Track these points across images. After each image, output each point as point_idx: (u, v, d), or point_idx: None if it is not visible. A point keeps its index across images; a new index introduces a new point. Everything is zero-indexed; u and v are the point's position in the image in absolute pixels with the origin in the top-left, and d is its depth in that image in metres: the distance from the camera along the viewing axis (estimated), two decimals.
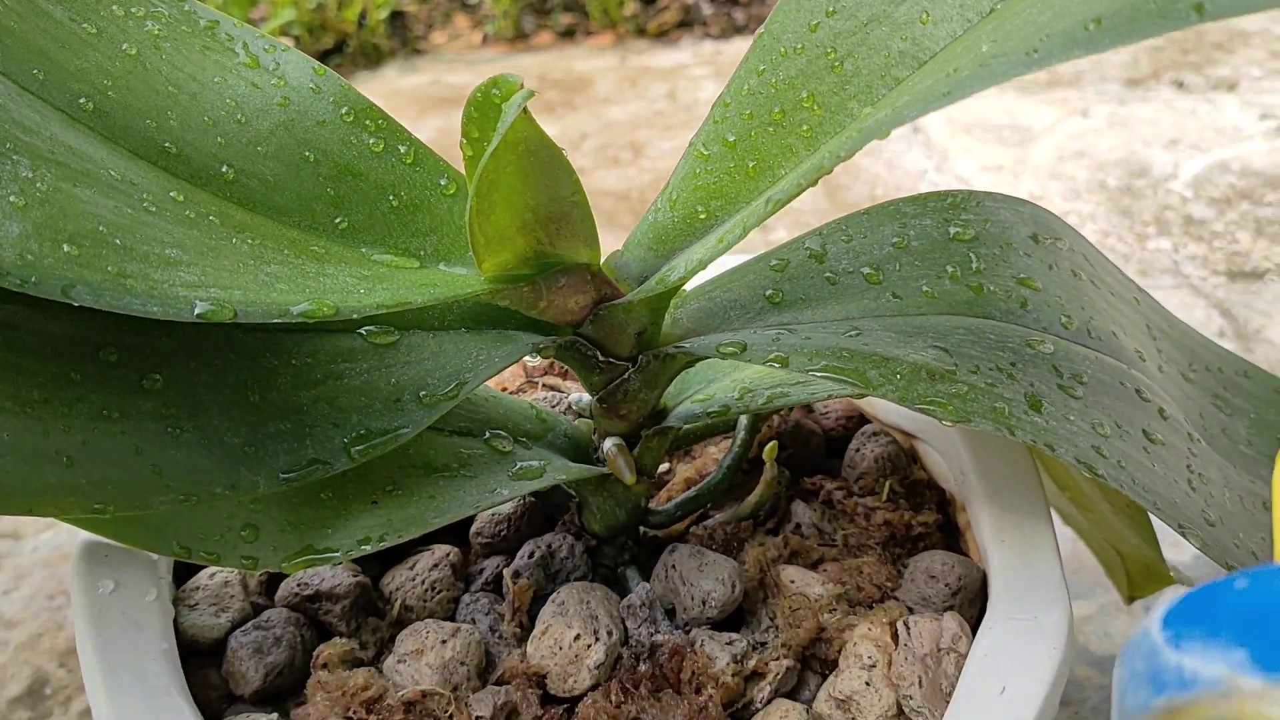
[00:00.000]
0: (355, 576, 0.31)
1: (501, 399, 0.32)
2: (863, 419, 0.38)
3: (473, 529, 0.33)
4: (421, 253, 0.28)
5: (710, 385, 0.33)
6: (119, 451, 0.24)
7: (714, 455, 0.37)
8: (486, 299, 0.27)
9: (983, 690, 0.27)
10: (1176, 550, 0.47)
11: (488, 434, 0.30)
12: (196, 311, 0.22)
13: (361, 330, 0.28)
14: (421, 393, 0.27)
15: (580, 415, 0.33)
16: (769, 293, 0.30)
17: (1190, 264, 0.74)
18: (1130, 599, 0.44)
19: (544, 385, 0.38)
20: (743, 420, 0.35)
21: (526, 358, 0.34)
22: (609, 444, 0.31)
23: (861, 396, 0.31)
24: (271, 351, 0.27)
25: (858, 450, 0.36)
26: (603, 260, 0.29)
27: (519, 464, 0.30)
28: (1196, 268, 0.73)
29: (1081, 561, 0.50)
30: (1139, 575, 0.42)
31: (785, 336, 0.28)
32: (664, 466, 0.37)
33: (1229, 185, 0.83)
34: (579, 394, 0.33)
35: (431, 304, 0.26)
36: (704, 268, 0.26)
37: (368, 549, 0.28)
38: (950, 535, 0.35)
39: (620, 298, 0.28)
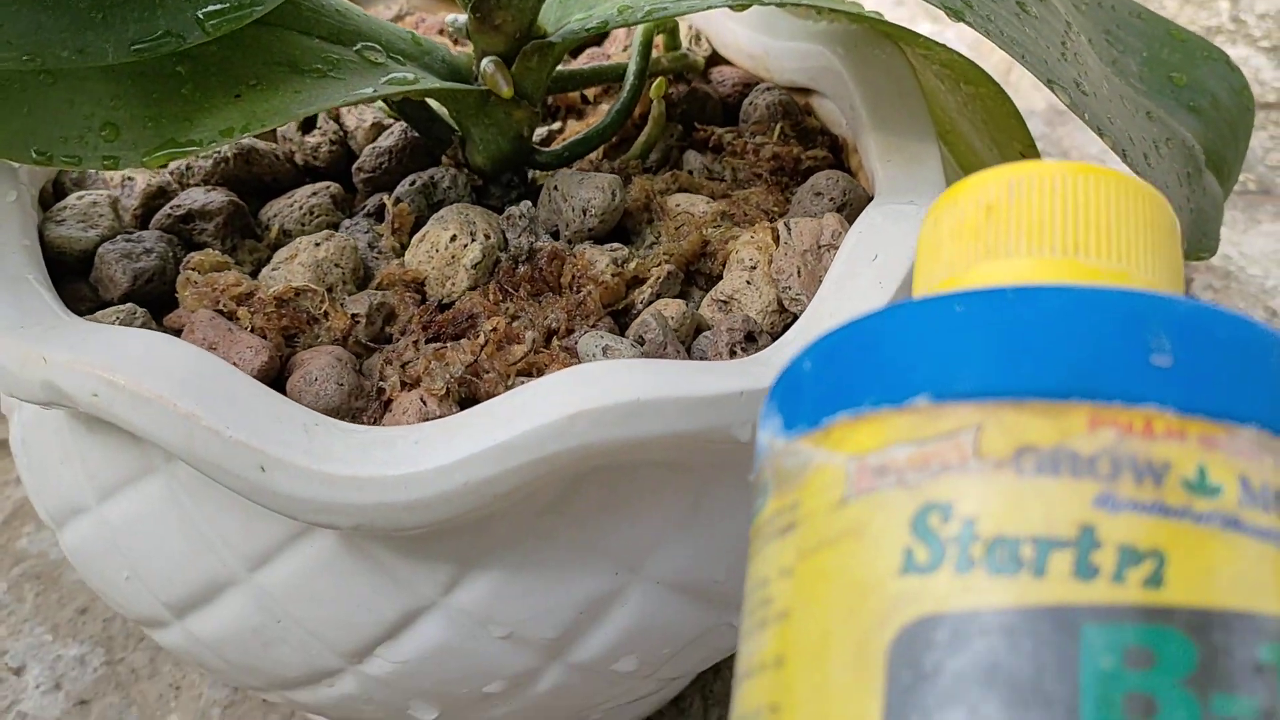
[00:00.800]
0: (229, 197, 0.30)
1: (375, 19, 0.31)
2: (759, 83, 0.38)
3: (355, 165, 0.33)
4: None
5: (590, 10, 0.32)
6: None
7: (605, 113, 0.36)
8: None
9: (856, 258, 0.27)
10: None
11: (359, 45, 0.30)
12: None
13: None
14: None
15: (458, 42, 0.33)
16: None
17: None
18: None
19: None
20: (632, 67, 0.34)
21: None
22: (485, 61, 0.30)
23: (743, 8, 0.30)
24: None
25: (751, 103, 0.36)
26: None
27: (391, 74, 0.29)
28: None
29: None
30: None
31: None
32: (555, 125, 0.36)
33: None
34: (454, 15, 0.32)
35: None
36: None
37: (230, 140, 0.27)
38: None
39: None
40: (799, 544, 0.15)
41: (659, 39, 0.37)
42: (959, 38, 0.68)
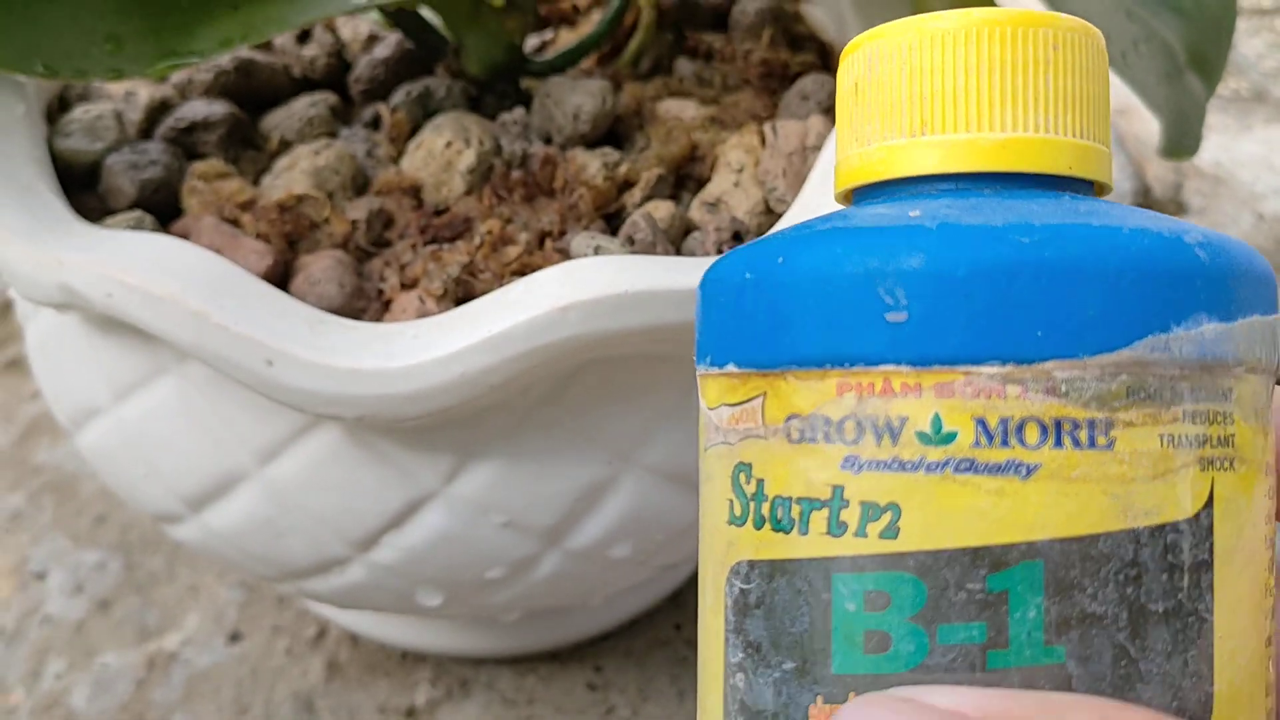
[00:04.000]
0: (230, 108, 0.31)
1: None
2: None
3: (351, 76, 0.34)
4: None
5: None
6: None
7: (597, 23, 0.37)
8: None
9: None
10: None
11: None
12: None
13: None
14: None
15: None
16: None
17: None
18: None
19: None
20: None
21: None
22: None
23: None
24: None
25: (741, 10, 0.36)
26: None
27: None
28: None
29: None
30: None
31: None
32: (548, 35, 0.37)
33: None
34: None
35: None
36: None
37: (229, 51, 0.28)
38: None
39: None
40: (699, 464, 0.18)
41: None
42: None
